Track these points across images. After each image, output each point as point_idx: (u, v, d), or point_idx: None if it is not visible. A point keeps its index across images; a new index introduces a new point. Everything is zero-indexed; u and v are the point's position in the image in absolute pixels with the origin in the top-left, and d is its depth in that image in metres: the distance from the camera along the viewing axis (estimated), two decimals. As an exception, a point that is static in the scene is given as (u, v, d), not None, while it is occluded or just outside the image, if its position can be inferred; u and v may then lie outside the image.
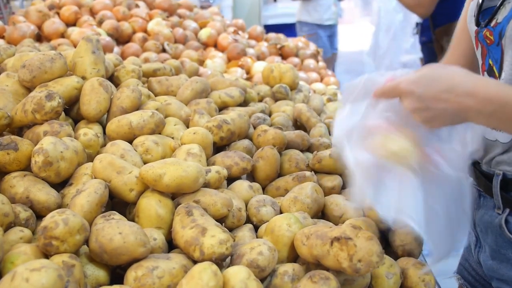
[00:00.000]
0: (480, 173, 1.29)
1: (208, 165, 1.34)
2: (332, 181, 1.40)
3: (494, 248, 1.26)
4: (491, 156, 1.24)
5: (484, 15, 1.20)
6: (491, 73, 1.21)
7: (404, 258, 1.14)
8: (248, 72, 2.72)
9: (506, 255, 1.23)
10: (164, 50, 2.79)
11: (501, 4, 1.14)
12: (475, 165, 1.32)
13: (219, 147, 1.49)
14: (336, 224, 1.23)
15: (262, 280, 0.98)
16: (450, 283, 1.52)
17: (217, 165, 1.32)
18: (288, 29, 5.13)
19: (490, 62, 1.19)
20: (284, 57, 3.10)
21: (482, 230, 1.30)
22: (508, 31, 1.09)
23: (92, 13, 2.97)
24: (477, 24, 1.21)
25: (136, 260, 0.94)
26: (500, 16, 1.13)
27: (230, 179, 1.36)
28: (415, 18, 3.83)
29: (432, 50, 3.29)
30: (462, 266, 1.49)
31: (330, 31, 5.04)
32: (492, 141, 1.24)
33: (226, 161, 1.36)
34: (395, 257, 1.15)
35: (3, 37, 2.56)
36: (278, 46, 3.13)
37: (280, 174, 1.45)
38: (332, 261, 0.94)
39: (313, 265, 1.03)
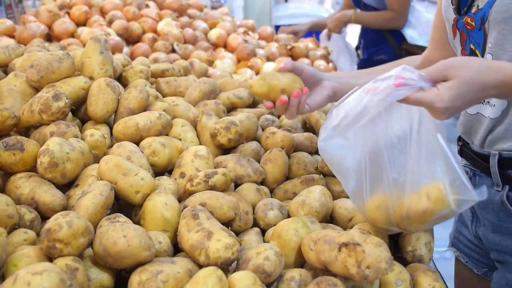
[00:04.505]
0: (474, 154, 1.35)
1: (219, 167, 1.33)
2: (341, 184, 1.38)
3: (495, 223, 1.35)
4: (481, 135, 1.30)
5: (462, 3, 1.26)
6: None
7: (414, 265, 1.11)
8: (257, 73, 2.70)
9: (509, 228, 1.33)
10: (173, 51, 2.78)
11: None
12: (465, 147, 1.39)
13: (226, 149, 1.47)
14: (345, 229, 1.21)
15: (268, 285, 0.96)
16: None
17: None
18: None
19: (472, 46, 1.26)
20: (294, 58, 3.08)
21: (480, 207, 1.38)
22: (492, 15, 1.16)
23: (102, 13, 2.97)
24: (458, 12, 1.27)
25: (141, 263, 0.92)
26: (481, 3, 1.20)
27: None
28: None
29: None
30: (456, 239, 1.59)
31: None
32: (471, 114, 1.31)
33: (239, 169, 1.34)
34: (405, 263, 1.13)
35: (13, 37, 2.57)
36: (288, 47, 3.11)
37: (288, 177, 1.43)
38: (339, 267, 0.92)
39: (321, 270, 1.01)
